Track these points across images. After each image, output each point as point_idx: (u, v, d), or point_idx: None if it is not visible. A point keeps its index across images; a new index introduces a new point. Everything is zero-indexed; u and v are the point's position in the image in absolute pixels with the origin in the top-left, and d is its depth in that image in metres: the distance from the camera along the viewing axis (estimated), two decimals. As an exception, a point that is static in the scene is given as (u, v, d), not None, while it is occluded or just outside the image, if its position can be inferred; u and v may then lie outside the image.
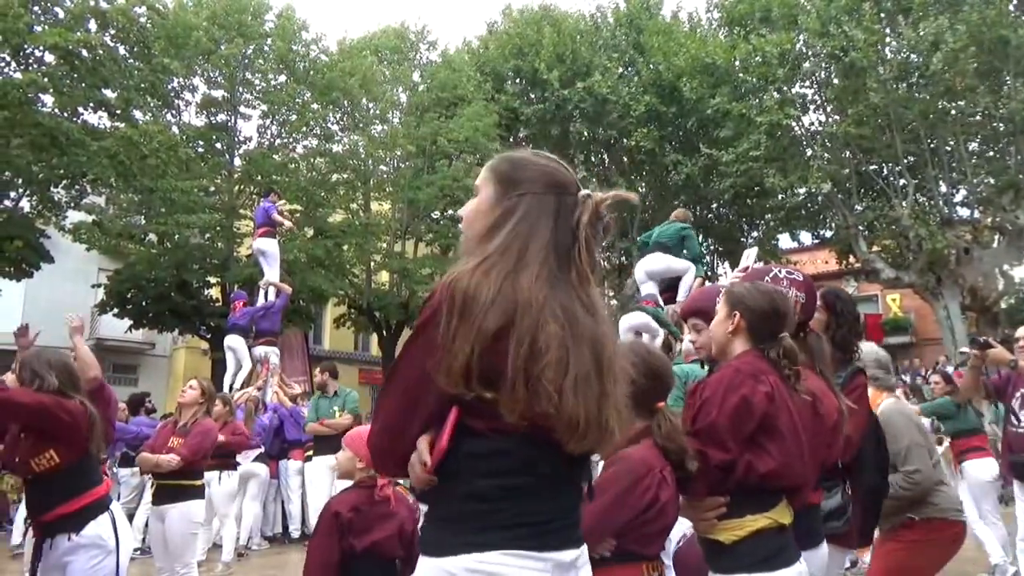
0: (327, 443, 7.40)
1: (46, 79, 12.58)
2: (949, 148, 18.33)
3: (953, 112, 17.18)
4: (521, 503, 1.31)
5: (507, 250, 1.35)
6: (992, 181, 17.90)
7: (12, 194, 14.15)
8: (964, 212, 18.74)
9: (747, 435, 1.94)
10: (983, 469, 6.08)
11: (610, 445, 1.44)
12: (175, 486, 4.68)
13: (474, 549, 1.27)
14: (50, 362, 3.15)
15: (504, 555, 1.27)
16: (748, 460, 1.93)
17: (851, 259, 20.97)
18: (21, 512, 8.07)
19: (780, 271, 2.43)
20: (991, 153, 18.64)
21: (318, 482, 7.69)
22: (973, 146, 18.53)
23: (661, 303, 7.27)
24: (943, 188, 18.34)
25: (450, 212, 21.67)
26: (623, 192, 1.52)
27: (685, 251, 7.50)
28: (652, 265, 7.48)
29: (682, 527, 2.83)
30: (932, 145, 17.89)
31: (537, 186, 1.44)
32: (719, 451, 1.92)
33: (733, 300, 2.20)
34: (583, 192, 1.45)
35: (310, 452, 8.54)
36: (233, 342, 10.75)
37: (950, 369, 10.24)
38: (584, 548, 1.42)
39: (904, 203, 17.66)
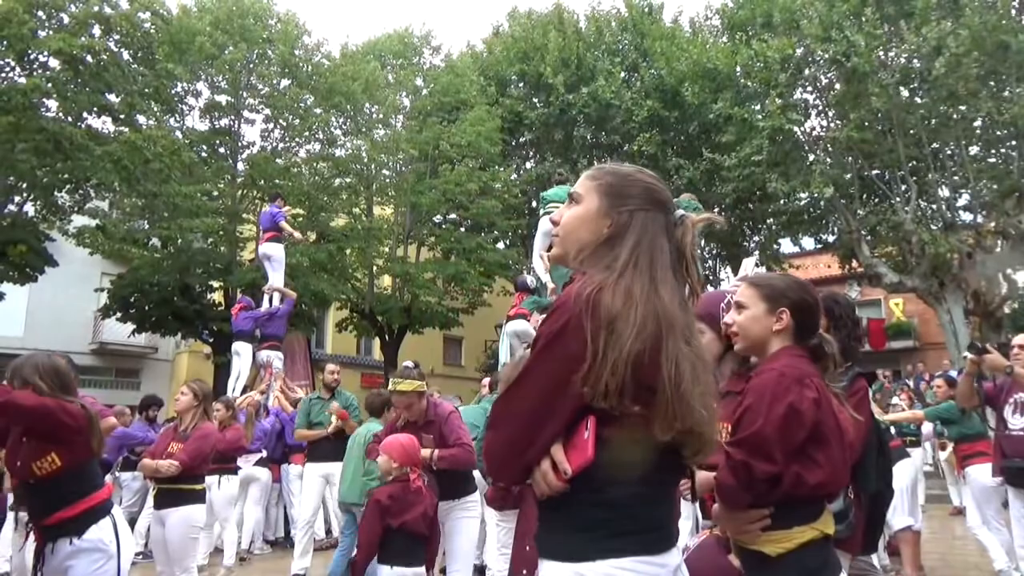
0: (318, 449, 7.14)
1: (50, 84, 12.64)
2: (951, 152, 18.32)
3: (955, 117, 17.17)
4: (649, 511, 1.37)
5: (637, 265, 1.39)
6: (995, 186, 17.88)
7: (16, 198, 14.21)
8: (967, 216, 18.72)
9: (796, 446, 1.86)
10: (987, 474, 6.06)
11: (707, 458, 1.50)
12: (176, 490, 4.70)
13: (611, 555, 1.32)
14: (39, 367, 3.13)
15: (637, 561, 1.33)
16: (796, 472, 1.85)
17: (854, 264, 20.95)
18: None
19: None
20: (993, 158, 18.62)
21: (308, 491, 7.14)
22: (975, 150, 18.50)
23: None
24: (945, 193, 18.33)
25: (452, 216, 21.71)
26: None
27: None
28: None
29: (685, 538, 2.82)
30: (934, 149, 17.88)
31: (646, 202, 1.48)
32: (766, 463, 1.83)
33: (774, 294, 2.08)
34: (679, 213, 1.51)
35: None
36: (241, 348, 10.77)
37: (954, 373, 10.22)
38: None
39: (907, 208, 17.64)
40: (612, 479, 1.34)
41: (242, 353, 10.74)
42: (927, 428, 10.27)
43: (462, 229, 21.61)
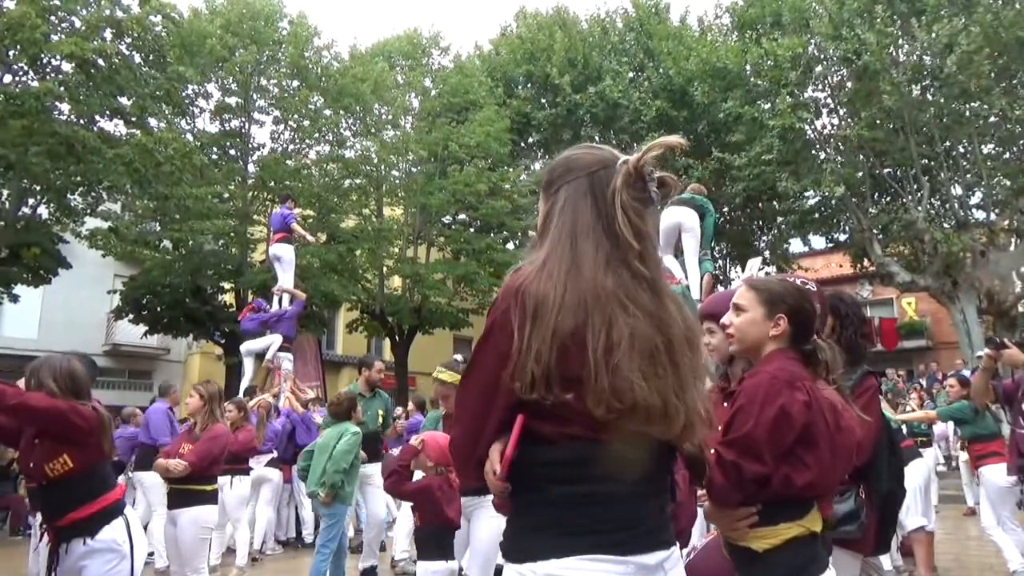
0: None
1: (62, 88, 12.71)
2: (964, 150, 18.19)
3: (968, 114, 17.04)
4: (599, 509, 1.31)
5: (559, 244, 1.36)
6: (1008, 183, 17.74)
7: (30, 201, 14.32)
8: (980, 215, 18.58)
9: (785, 448, 1.88)
10: (1001, 474, 6.01)
11: (692, 434, 1.39)
12: (187, 490, 4.74)
13: (554, 555, 1.29)
14: (55, 370, 3.16)
15: (583, 560, 1.28)
16: (786, 473, 1.87)
17: (866, 263, 20.84)
18: None
19: (796, 281, 2.40)
20: (1007, 155, 18.47)
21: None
22: (989, 148, 18.37)
23: (683, 281, 6.89)
24: (958, 191, 18.20)
25: (462, 216, 21.73)
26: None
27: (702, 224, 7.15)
28: (687, 219, 6.95)
29: (695, 538, 2.82)
30: (947, 147, 17.76)
31: (569, 175, 1.44)
32: (756, 464, 1.85)
33: (773, 299, 2.09)
34: (620, 159, 1.42)
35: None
36: (250, 344, 10.83)
37: (967, 373, 10.13)
38: (674, 549, 1.41)
39: (919, 206, 17.53)
40: (550, 478, 1.31)
41: (253, 350, 10.81)
42: (939, 428, 10.20)
43: (472, 230, 21.63)
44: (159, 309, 17.10)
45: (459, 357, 4.84)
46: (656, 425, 1.31)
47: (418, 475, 4.12)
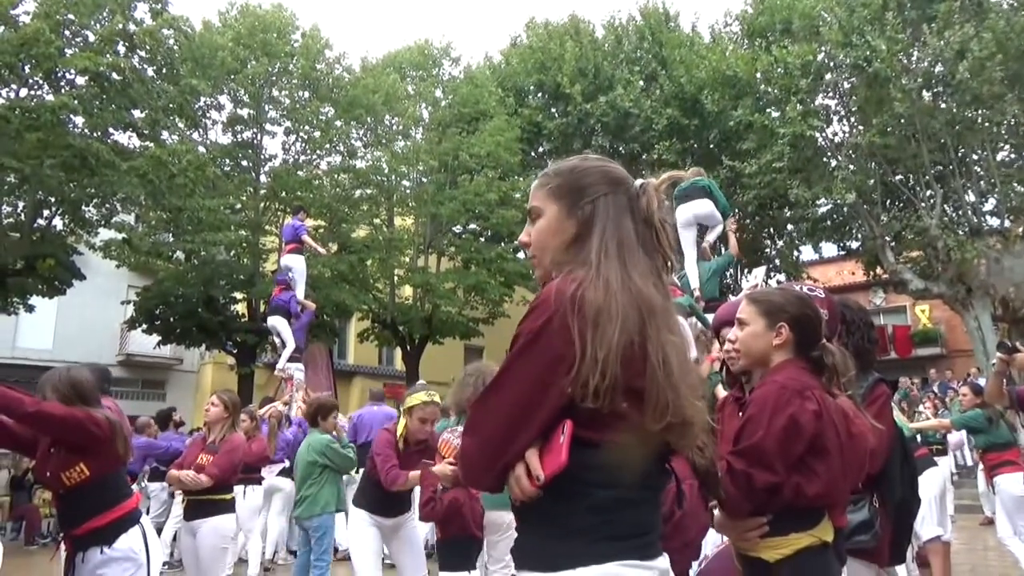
0: None
1: (77, 101, 12.86)
2: (977, 157, 18.08)
3: (980, 121, 16.95)
4: (633, 514, 1.32)
5: (607, 254, 1.36)
6: (1022, 190, 17.62)
7: (45, 212, 14.48)
8: (994, 221, 18.44)
9: (796, 457, 1.88)
10: (1016, 483, 5.96)
11: (700, 445, 1.43)
12: (206, 501, 4.73)
13: (592, 561, 1.27)
14: (57, 381, 3.17)
15: (622, 566, 1.28)
16: (796, 482, 1.88)
17: (879, 270, 20.73)
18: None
19: (804, 289, 2.39)
20: (1021, 162, 18.35)
21: None
22: (1002, 155, 18.25)
23: (691, 292, 6.82)
24: (971, 197, 18.09)
25: (472, 226, 21.78)
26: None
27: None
28: (701, 209, 7.08)
29: (707, 547, 2.80)
30: (960, 154, 17.67)
31: (604, 187, 1.45)
32: (766, 473, 1.86)
33: (773, 310, 2.11)
34: (639, 182, 1.47)
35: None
36: (275, 322, 10.90)
37: (981, 381, 10.03)
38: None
39: (932, 213, 17.43)
40: (593, 482, 1.29)
41: (278, 328, 10.87)
42: (953, 437, 10.10)
43: (482, 239, 21.67)
44: (172, 319, 17.21)
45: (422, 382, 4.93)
46: (685, 439, 1.36)
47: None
